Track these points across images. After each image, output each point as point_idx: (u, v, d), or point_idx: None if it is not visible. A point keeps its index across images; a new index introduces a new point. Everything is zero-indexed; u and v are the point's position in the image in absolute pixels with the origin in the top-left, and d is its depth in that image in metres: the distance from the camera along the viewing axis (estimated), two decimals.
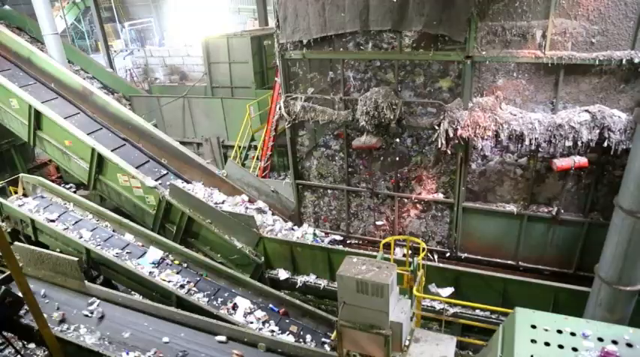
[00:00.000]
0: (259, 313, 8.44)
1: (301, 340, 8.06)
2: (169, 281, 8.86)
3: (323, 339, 8.09)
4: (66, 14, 25.30)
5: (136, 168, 10.65)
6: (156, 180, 10.60)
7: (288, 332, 8.19)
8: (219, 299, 8.75)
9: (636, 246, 5.65)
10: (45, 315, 6.85)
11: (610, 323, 3.11)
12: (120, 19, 29.74)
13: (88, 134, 10.85)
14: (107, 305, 8.20)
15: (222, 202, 10.41)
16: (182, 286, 8.84)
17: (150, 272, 9.03)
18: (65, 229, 9.95)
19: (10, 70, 12.53)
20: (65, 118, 11.12)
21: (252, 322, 8.25)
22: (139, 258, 9.46)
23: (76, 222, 10.29)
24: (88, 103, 12.36)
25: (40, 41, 14.87)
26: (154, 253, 9.49)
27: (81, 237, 9.73)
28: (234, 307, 8.55)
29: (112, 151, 10.73)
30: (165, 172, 11.41)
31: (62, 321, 7.84)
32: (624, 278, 5.88)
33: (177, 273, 9.19)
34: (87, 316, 7.96)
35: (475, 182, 8.32)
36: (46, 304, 8.17)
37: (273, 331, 8.15)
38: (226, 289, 8.99)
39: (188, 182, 11.12)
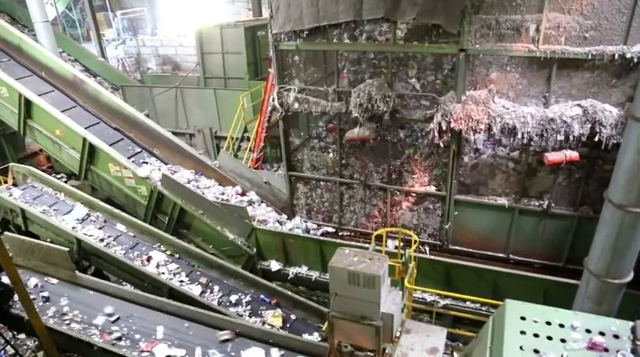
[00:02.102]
0: (172, 266, 9.09)
1: (208, 290, 8.68)
2: (90, 235, 9.46)
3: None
4: (57, 2, 24.91)
5: (110, 145, 10.63)
6: (129, 158, 10.71)
7: (197, 283, 8.77)
8: (136, 252, 9.36)
9: (625, 239, 5.71)
10: None
11: (598, 315, 3.15)
12: (112, 8, 29.35)
13: (61, 112, 10.85)
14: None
15: (208, 188, 10.57)
16: (102, 240, 9.45)
17: (73, 227, 9.61)
18: None
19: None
20: (39, 95, 11.08)
21: (163, 273, 8.86)
22: (65, 214, 10.01)
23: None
24: (79, 91, 12.23)
25: (30, 28, 14.66)
26: (79, 210, 10.14)
27: (11, 195, 10.39)
28: (149, 259, 9.12)
29: (85, 128, 10.69)
30: (139, 150, 11.41)
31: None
32: (612, 271, 5.94)
33: (100, 229, 9.80)
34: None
35: (467, 175, 8.35)
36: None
37: (182, 281, 8.77)
38: (144, 243, 9.66)
39: (165, 163, 11.21)
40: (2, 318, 7.76)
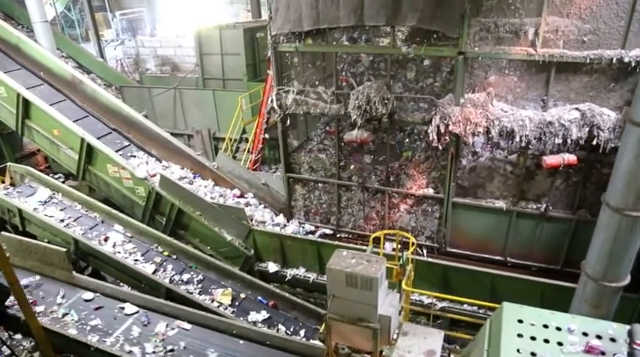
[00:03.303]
0: (129, 246, 9.44)
1: (162, 269, 9.04)
2: (51, 216, 9.82)
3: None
4: (56, 2, 24.87)
5: (98, 138, 10.66)
6: (117, 151, 10.78)
7: (151, 262, 9.13)
8: (95, 233, 9.70)
9: (622, 243, 5.72)
10: None
11: (595, 318, 3.15)
12: (111, 8, 29.27)
13: (50, 106, 10.88)
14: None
15: (205, 188, 10.66)
16: (62, 220, 9.81)
17: (35, 208, 10.01)
18: None
19: None
20: (28, 89, 11.08)
21: (119, 252, 9.20)
22: (28, 197, 10.43)
23: None
24: (77, 91, 12.21)
25: (27, 26, 14.64)
26: (42, 193, 10.55)
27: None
28: (106, 239, 9.46)
29: (74, 121, 10.74)
30: (127, 143, 11.45)
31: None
32: (609, 275, 5.95)
33: (61, 210, 10.15)
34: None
35: (465, 178, 8.36)
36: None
37: (137, 260, 9.14)
38: (104, 224, 9.99)
39: (155, 157, 11.29)
40: None
